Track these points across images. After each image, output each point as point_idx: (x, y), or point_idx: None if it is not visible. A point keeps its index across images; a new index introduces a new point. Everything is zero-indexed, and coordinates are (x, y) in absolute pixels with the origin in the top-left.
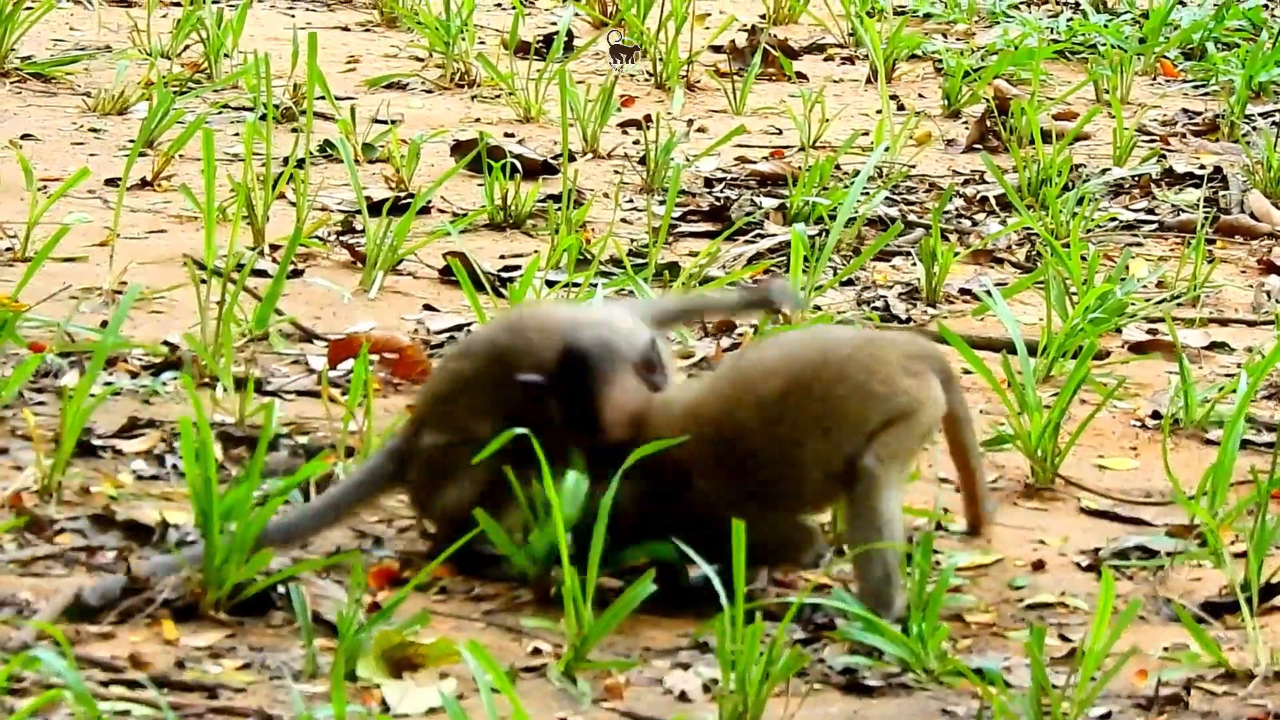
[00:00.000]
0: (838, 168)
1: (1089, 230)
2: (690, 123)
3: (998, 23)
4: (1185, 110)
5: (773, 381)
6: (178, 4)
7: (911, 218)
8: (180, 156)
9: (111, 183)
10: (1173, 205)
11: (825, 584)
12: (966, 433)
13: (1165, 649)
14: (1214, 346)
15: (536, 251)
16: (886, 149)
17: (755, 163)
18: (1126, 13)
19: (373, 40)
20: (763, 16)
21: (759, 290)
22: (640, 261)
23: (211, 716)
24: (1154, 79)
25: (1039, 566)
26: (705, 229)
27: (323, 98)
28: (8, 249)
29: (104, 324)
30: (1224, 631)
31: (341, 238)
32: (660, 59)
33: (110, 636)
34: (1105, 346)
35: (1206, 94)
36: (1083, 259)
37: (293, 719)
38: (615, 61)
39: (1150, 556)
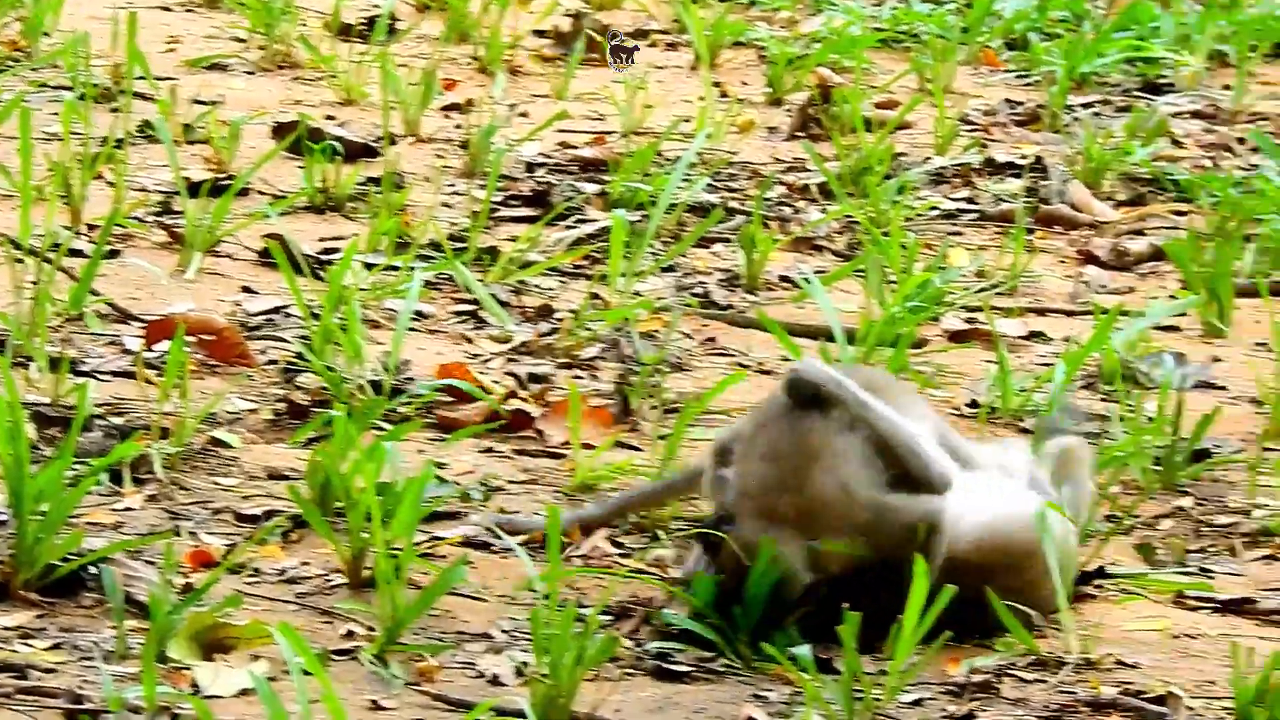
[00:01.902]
0: (659, 154)
1: (909, 219)
2: (513, 107)
3: (821, 10)
4: (1007, 100)
5: None
6: None
7: (733, 205)
8: None
9: None
10: (993, 195)
11: (641, 569)
12: None
13: (978, 636)
14: (1032, 336)
15: (356, 234)
16: (709, 136)
17: (577, 148)
18: (950, 2)
19: (194, 21)
20: (587, 1)
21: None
22: (460, 246)
23: (21, 698)
24: (977, 68)
25: None
26: (526, 214)
27: (142, 78)
28: None
29: None
30: (1037, 619)
31: (159, 218)
32: (483, 43)
33: None
34: (924, 335)
35: (1029, 84)
36: (903, 247)
37: (103, 700)
38: (615, 61)
39: None
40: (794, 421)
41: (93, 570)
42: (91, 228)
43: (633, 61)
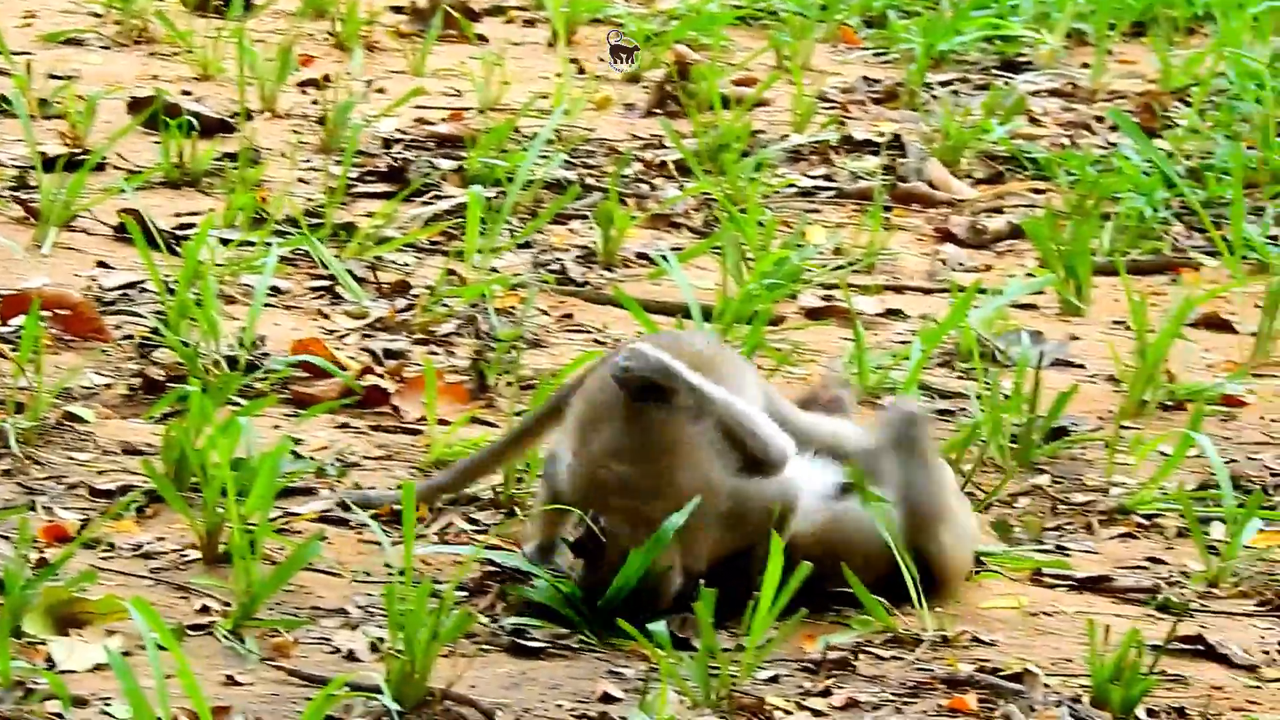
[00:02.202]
0: (517, 130)
1: (767, 196)
2: (369, 83)
3: None
4: (865, 78)
5: None
6: None
7: (590, 181)
8: None
9: None
10: (851, 172)
11: (497, 544)
12: None
13: (835, 612)
14: (889, 313)
15: (212, 210)
16: (566, 112)
17: (434, 124)
18: None
19: None
20: None
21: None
22: (317, 221)
23: None
24: (835, 46)
25: None
26: (383, 190)
27: None
28: None
29: None
30: (893, 598)
31: (15, 193)
32: (340, 18)
33: None
34: (781, 312)
35: (887, 62)
36: (760, 225)
37: None
38: (615, 61)
39: None
40: (637, 416)
41: None
42: None
43: (633, 61)
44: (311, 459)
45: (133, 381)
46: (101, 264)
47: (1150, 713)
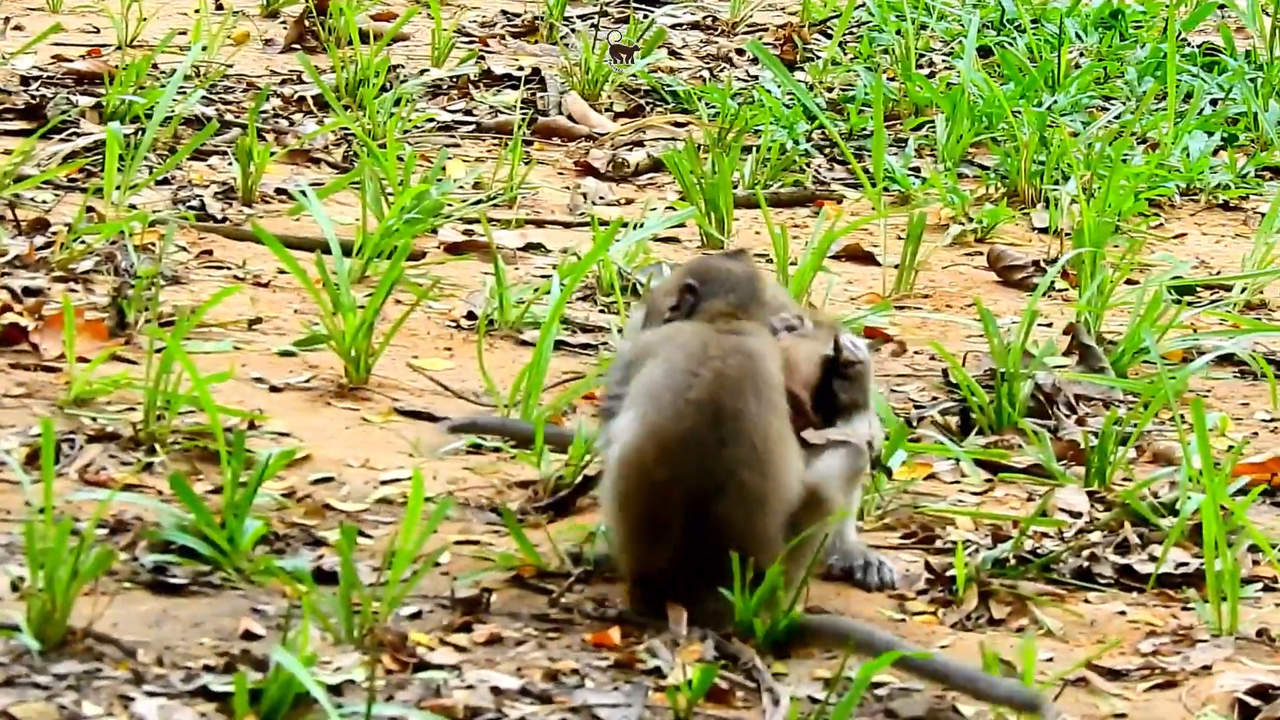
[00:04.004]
0: (155, 67)
1: (406, 131)
2: (7, 20)
3: None
4: (505, 12)
5: None
6: None
7: (229, 117)
8: None
9: None
10: (490, 107)
11: (134, 484)
12: None
13: (476, 545)
14: (530, 248)
15: None
16: (204, 48)
17: (72, 61)
18: None
19: None
20: None
21: None
22: None
23: None
24: None
25: (366, 464)
26: (20, 127)
27: None
28: None
29: None
30: (534, 532)
31: None
32: None
33: None
34: (421, 247)
35: None
36: (399, 160)
37: None
38: (615, 61)
39: (479, 451)
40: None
41: None
42: None
43: (634, 61)
44: None
45: None
46: None
47: (797, 645)
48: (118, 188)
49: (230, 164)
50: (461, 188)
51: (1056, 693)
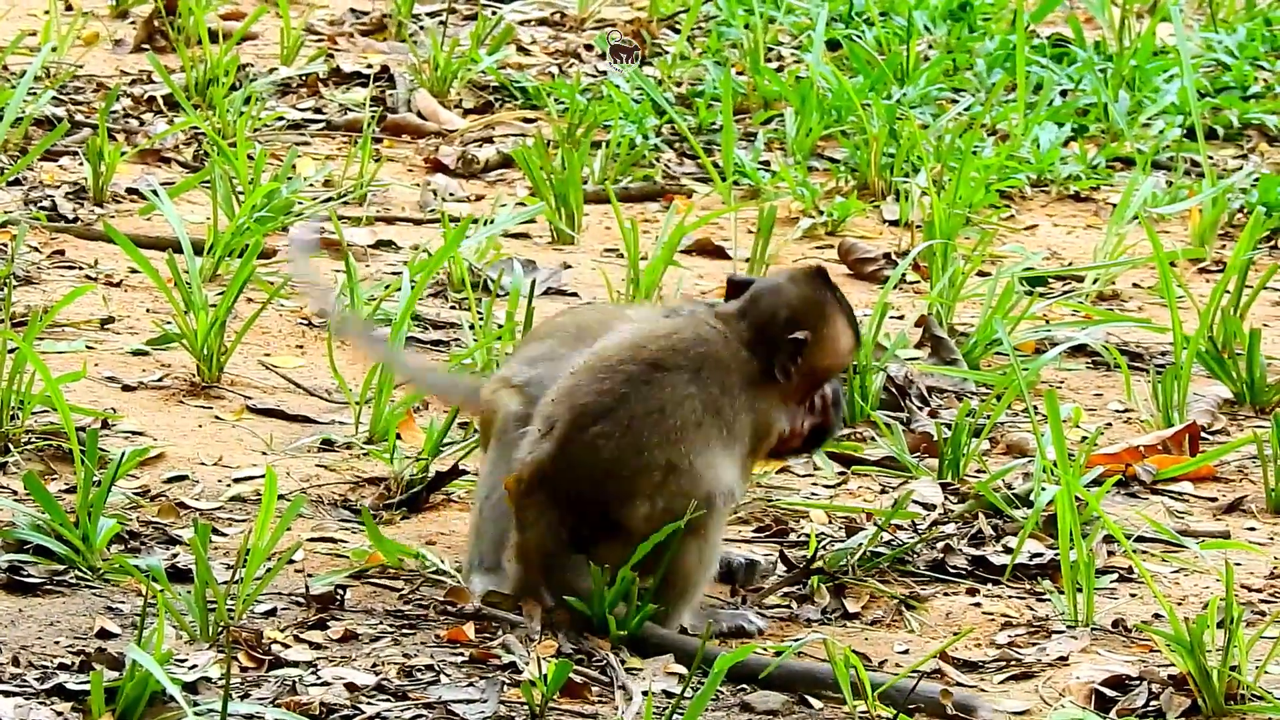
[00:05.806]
0: (5, 68)
1: (256, 130)
2: None
3: None
4: (353, 10)
5: None
6: None
7: (79, 118)
8: None
9: None
10: (340, 104)
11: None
12: None
13: (330, 542)
14: (381, 244)
15: None
16: (54, 49)
17: None
18: None
19: None
20: None
21: None
22: None
23: None
24: None
25: (219, 462)
26: None
27: None
28: None
29: None
30: (388, 529)
31: None
32: None
33: None
34: (272, 245)
35: None
36: (250, 158)
37: None
38: (615, 61)
39: (331, 448)
40: None
41: None
42: None
43: (636, 60)
44: None
45: None
46: None
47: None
48: None
49: (81, 164)
50: (312, 185)
51: (912, 685)
